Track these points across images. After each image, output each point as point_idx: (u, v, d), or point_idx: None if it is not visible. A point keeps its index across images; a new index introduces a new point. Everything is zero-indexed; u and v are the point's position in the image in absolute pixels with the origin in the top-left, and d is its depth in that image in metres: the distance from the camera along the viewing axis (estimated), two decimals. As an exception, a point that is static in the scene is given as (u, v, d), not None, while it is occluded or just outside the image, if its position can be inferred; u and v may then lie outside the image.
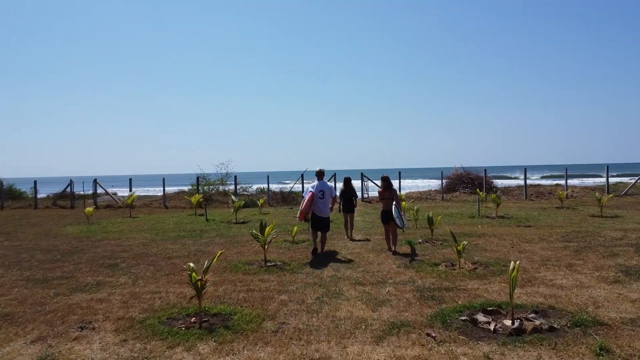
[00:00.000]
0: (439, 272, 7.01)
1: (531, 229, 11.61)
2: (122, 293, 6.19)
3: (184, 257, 8.89)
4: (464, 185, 22.01)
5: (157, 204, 21.51)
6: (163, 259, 8.67)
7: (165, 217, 17.11)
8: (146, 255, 9.14)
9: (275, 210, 18.59)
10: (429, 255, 8.51)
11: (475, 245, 9.25)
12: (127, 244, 10.81)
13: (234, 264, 7.88)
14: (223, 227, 13.73)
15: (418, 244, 9.82)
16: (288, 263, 7.97)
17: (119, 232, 13.35)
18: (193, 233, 12.55)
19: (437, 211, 16.51)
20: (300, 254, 8.91)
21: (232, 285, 6.45)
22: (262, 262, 7.85)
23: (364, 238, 11.45)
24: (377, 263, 7.92)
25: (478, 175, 22.56)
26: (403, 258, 8.26)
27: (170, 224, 15.04)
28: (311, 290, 6.17)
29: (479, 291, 5.90)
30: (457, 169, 23.34)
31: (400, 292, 5.93)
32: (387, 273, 7.12)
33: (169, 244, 10.64)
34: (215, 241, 10.97)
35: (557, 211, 15.87)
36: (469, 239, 10.06)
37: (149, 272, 7.48)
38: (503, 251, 8.74)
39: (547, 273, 6.83)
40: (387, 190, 9.19)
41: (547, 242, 9.65)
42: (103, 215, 18.98)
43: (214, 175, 23.62)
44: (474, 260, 7.85)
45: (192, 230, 13.27)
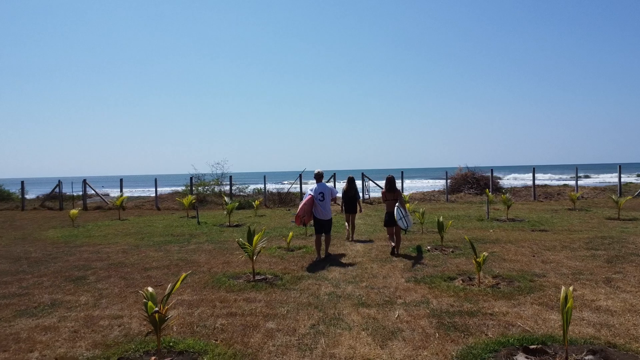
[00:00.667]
0: (456, 290, 5.86)
1: (548, 234, 10.46)
2: (77, 318, 5.04)
3: (163, 268, 7.74)
4: (469, 186, 20.86)
5: (149, 205, 20.37)
6: (139, 271, 7.53)
7: (156, 220, 15.97)
8: (122, 266, 8.00)
9: (272, 212, 17.45)
10: (441, 266, 7.37)
11: (491, 254, 8.10)
12: (106, 251, 9.68)
13: (218, 278, 6.73)
14: (214, 231, 12.60)
15: (427, 251, 8.68)
16: (280, 276, 6.83)
17: (102, 236, 12.23)
18: (181, 238, 11.41)
19: (442, 213, 15.37)
20: (294, 264, 7.77)
21: (210, 308, 5.30)
22: (251, 275, 6.71)
23: (366, 239, 10.61)
24: (383, 276, 6.78)
25: (483, 175, 21.41)
26: (411, 269, 7.12)
27: (159, 227, 13.91)
28: (305, 314, 5.03)
29: (509, 317, 4.75)
30: (462, 168, 22.19)
31: (414, 318, 4.79)
32: (395, 290, 5.97)
33: (152, 251, 9.50)
34: (202, 248, 9.83)
35: (570, 213, 14.73)
36: (483, 246, 8.93)
37: (117, 289, 6.33)
38: (524, 261, 7.59)
39: (584, 291, 5.68)
40: (391, 191, 8.61)
41: (570, 249, 8.51)
42: (92, 217, 17.85)
43: (209, 175, 22.50)
44: (495, 273, 6.70)
45: (180, 234, 12.14)
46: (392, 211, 8.38)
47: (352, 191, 10.39)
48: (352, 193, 10.37)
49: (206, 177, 22.41)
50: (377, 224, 13.11)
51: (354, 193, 10.39)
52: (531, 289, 5.78)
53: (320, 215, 8.16)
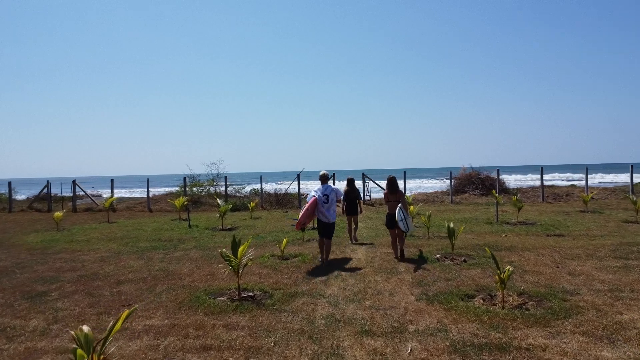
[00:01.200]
0: (477, 312, 4.88)
1: (566, 240, 9.47)
2: (15, 353, 4.05)
3: (139, 281, 6.75)
4: (474, 187, 19.86)
5: (141, 207, 19.37)
6: (111, 285, 6.54)
7: (146, 223, 14.98)
8: (94, 278, 7.01)
9: (269, 215, 16.45)
10: (455, 279, 6.38)
11: (509, 264, 7.11)
12: (82, 259, 8.70)
13: (198, 295, 5.73)
14: (205, 236, 11.61)
15: (436, 260, 7.69)
16: (270, 293, 5.84)
17: (85, 241, 11.25)
18: (168, 244, 10.42)
19: (448, 216, 14.39)
20: (288, 276, 6.78)
21: (181, 338, 4.31)
22: (236, 291, 5.72)
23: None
24: (389, 292, 5.79)
25: (488, 175, 20.40)
26: (421, 284, 6.13)
27: (148, 230, 12.92)
28: (296, 346, 4.04)
29: (551, 353, 3.76)
30: (466, 168, 21.17)
31: (431, 355, 3.80)
32: (405, 311, 4.99)
33: (132, 260, 8.52)
34: (189, 255, 8.85)
35: (584, 216, 13.73)
36: (498, 254, 7.95)
37: (78, 309, 5.34)
38: (548, 273, 6.60)
39: (633, 314, 4.69)
40: (393, 192, 8.13)
41: (597, 258, 7.52)
42: (80, 219, 16.86)
43: (204, 176, 21.49)
44: (519, 289, 5.71)
45: (168, 239, 11.15)
46: (394, 213, 7.87)
47: (353, 192, 10.05)
48: (354, 194, 10.02)
49: (201, 177, 21.42)
50: (379, 227, 12.13)
51: (355, 194, 10.05)
52: (567, 312, 4.79)
53: (324, 217, 7.71)
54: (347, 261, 7.89)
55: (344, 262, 7.78)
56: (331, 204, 7.73)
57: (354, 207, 9.92)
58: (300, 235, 10.63)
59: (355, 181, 10.40)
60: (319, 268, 7.37)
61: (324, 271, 7.09)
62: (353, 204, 9.92)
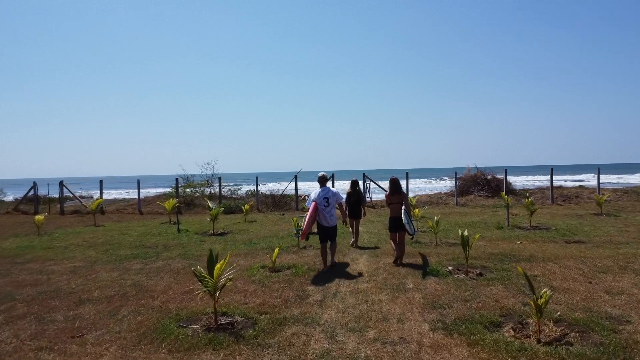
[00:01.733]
0: (510, 348, 3.84)
1: (589, 249, 8.43)
2: None
3: (104, 300, 5.71)
4: (479, 188, 18.81)
5: (132, 209, 18.32)
6: (70, 305, 5.51)
7: (133, 227, 13.94)
8: (54, 296, 5.98)
9: (264, 218, 15.41)
10: (473, 298, 5.34)
11: (532, 279, 6.07)
12: (51, 270, 7.67)
13: (166, 323, 4.68)
14: (193, 242, 10.58)
15: (448, 273, 6.66)
16: (254, 318, 4.80)
17: (62, 248, 10.22)
18: (151, 251, 9.40)
19: (454, 219, 13.36)
20: (277, 294, 5.74)
21: (130, 390, 3.28)
22: (212, 316, 4.68)
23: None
24: (397, 317, 4.76)
25: (494, 176, 19.33)
26: (434, 305, 5.10)
27: (133, 235, 11.89)
28: (279, 405, 3.01)
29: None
30: (471, 169, 20.10)
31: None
32: (419, 348, 3.95)
33: (106, 271, 7.49)
34: (170, 266, 7.82)
35: (600, 220, 12.68)
36: (516, 265, 6.92)
37: (15, 342, 4.29)
38: (581, 291, 5.57)
39: None
40: (396, 194, 7.65)
41: (633, 272, 6.48)
42: (66, 222, 15.83)
43: (198, 176, 20.44)
44: (554, 315, 4.66)
45: (153, 245, 10.12)
46: (397, 216, 7.48)
47: (357, 195, 9.50)
48: (357, 197, 9.47)
49: (195, 178, 20.38)
50: (381, 232, 11.11)
51: (358, 197, 9.50)
52: (624, 349, 3.75)
53: (324, 222, 7.23)
54: (347, 273, 6.87)
55: (344, 275, 6.76)
56: (331, 207, 7.26)
57: (357, 210, 9.36)
58: (295, 241, 9.60)
59: (358, 183, 9.81)
60: (318, 278, 6.56)
61: (321, 284, 6.06)
62: (356, 207, 9.36)
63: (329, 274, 6.83)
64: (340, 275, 6.79)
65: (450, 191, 20.05)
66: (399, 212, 7.43)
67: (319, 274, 6.84)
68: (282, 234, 11.39)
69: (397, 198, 7.55)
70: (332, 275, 6.75)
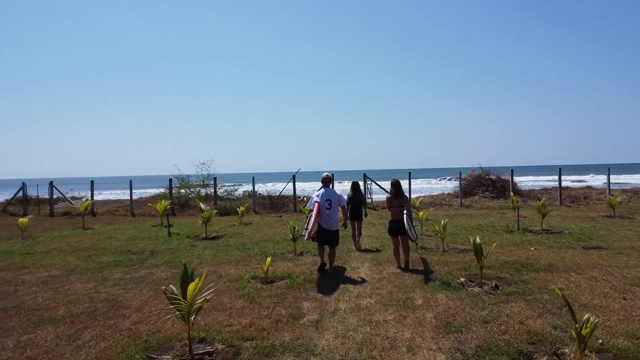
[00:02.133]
0: (550, 392, 3.06)
1: (613, 256, 7.65)
2: None
3: (68, 319, 4.94)
4: (484, 188, 18.01)
5: (124, 210, 17.54)
6: (28, 326, 4.73)
7: (123, 230, 13.17)
8: (14, 313, 5.21)
9: (261, 220, 14.63)
10: (494, 319, 4.56)
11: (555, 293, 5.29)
12: (22, 281, 6.91)
13: (131, 353, 3.88)
14: (184, 247, 9.82)
15: (460, 286, 5.89)
16: (237, 346, 4.02)
17: (43, 253, 9.47)
18: (136, 258, 8.64)
19: (460, 222, 12.58)
20: (267, 313, 4.96)
21: None
22: (188, 344, 3.90)
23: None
24: (407, 345, 3.98)
25: (499, 176, 18.53)
26: (449, 328, 4.32)
27: (121, 239, 11.12)
28: None
29: None
30: (475, 169, 19.31)
31: None
32: (436, 388, 3.18)
33: (82, 282, 6.73)
34: (153, 275, 7.06)
35: (614, 222, 11.90)
36: (535, 277, 6.17)
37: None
38: (616, 309, 4.80)
39: None
40: (398, 197, 7.19)
41: (669, 285, 5.71)
42: (55, 225, 15.06)
43: (194, 177, 19.64)
44: (597, 344, 3.88)
45: (140, 251, 9.36)
46: (398, 219, 7.10)
47: (359, 197, 9.20)
48: (359, 199, 9.17)
49: (191, 178, 19.60)
50: (383, 236, 10.35)
51: (360, 199, 9.20)
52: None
53: (326, 224, 6.91)
54: (347, 285, 6.10)
55: (344, 287, 5.99)
56: (334, 209, 6.93)
57: (358, 212, 9.12)
58: (292, 246, 8.83)
59: (360, 185, 9.53)
60: (315, 290, 5.92)
61: (318, 300, 5.29)
62: (358, 209, 9.10)
63: (327, 286, 6.06)
64: (339, 287, 6.02)
65: (454, 192, 19.27)
66: (399, 216, 7.06)
67: (317, 284, 6.14)
68: (278, 237, 10.62)
69: (398, 201, 7.13)
70: (331, 287, 5.99)
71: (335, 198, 6.99)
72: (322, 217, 6.90)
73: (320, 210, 6.87)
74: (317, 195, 7.01)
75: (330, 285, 6.14)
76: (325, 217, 6.86)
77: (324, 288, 5.97)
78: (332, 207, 6.86)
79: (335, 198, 6.98)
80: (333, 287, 6.04)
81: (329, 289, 5.91)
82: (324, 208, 6.87)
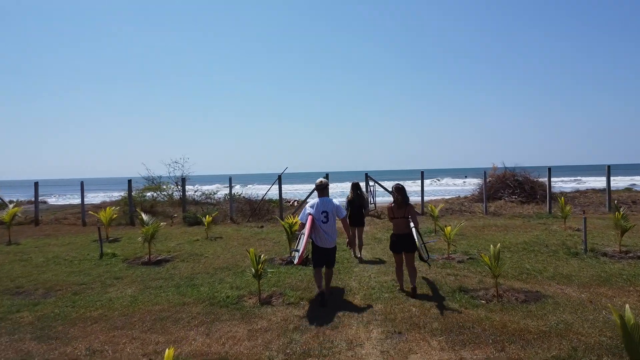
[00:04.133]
0: None
1: None
2: None
3: None
4: (510, 191, 14.61)
5: (75, 218, 14.16)
6: None
7: (54, 245, 9.83)
8: None
9: (236, 232, 11.26)
10: None
11: None
12: None
13: None
14: (104, 279, 6.55)
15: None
16: None
17: None
18: (20, 301, 5.33)
19: (493, 237, 9.18)
20: None
21: None
22: None
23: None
24: None
25: (528, 177, 15.08)
26: None
27: (35, 262, 7.90)
28: None
29: None
30: (497, 168, 15.87)
31: None
32: None
33: None
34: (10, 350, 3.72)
35: None
36: None
37: None
38: None
39: None
40: (403, 206, 5.49)
41: None
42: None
43: (166, 178, 16.30)
44: None
45: (32, 289, 6.11)
46: (402, 233, 5.48)
47: (360, 200, 7.99)
48: (360, 202, 7.97)
49: (163, 179, 16.27)
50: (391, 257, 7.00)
51: (361, 202, 8.01)
52: None
53: (321, 241, 5.43)
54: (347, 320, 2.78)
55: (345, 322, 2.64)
56: (331, 222, 5.56)
57: (359, 218, 7.91)
58: (254, 284, 5.50)
59: (361, 187, 8.21)
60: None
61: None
62: (359, 214, 7.91)
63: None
64: (335, 328, 2.67)
65: (471, 195, 15.86)
66: (404, 229, 5.53)
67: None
68: (245, 263, 7.28)
69: (402, 211, 5.56)
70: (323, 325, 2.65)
71: (333, 209, 5.59)
72: (317, 233, 5.53)
73: (315, 225, 5.52)
74: (311, 206, 5.63)
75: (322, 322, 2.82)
76: (321, 233, 5.49)
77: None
78: (328, 221, 5.56)
79: (332, 209, 5.57)
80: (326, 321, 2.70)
81: (320, 330, 2.57)
82: (319, 222, 5.50)
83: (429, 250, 7.37)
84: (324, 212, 5.48)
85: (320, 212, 5.48)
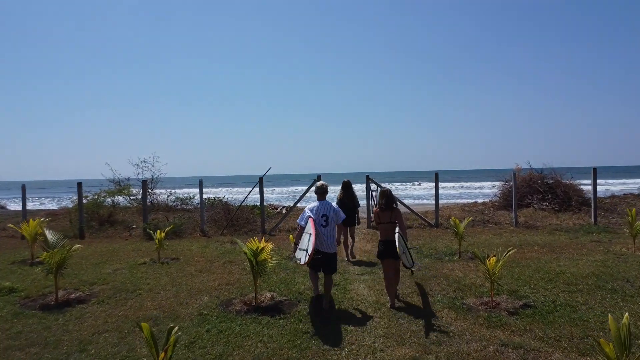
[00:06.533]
0: None
1: None
2: None
3: None
4: (539, 197, 11.99)
5: (16, 230, 11.69)
6: None
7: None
8: None
9: (200, 250, 8.68)
10: None
11: None
12: None
13: None
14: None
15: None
16: None
17: None
18: None
19: (537, 264, 6.55)
20: None
21: None
22: None
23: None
24: None
25: (559, 180, 12.38)
26: None
27: None
28: None
29: None
30: (520, 169, 13.14)
31: None
32: None
33: None
34: None
35: None
36: None
37: None
38: None
39: None
40: (388, 210, 5.17)
41: None
42: None
43: (134, 180, 13.70)
44: None
45: None
46: (389, 239, 5.07)
47: (352, 200, 7.51)
48: (352, 202, 7.49)
49: (131, 181, 13.71)
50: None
51: (354, 202, 7.54)
52: None
53: (322, 246, 5.19)
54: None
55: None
56: (331, 227, 5.35)
57: (351, 217, 7.35)
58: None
59: (352, 186, 7.70)
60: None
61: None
62: (351, 214, 7.33)
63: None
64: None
65: (491, 201, 13.23)
66: (391, 235, 5.06)
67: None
68: (187, 310, 4.72)
69: (387, 216, 5.11)
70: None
71: (333, 213, 5.38)
72: (318, 237, 5.14)
73: (315, 229, 5.12)
74: (311, 209, 5.34)
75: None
76: (322, 237, 5.20)
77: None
78: (329, 224, 5.31)
79: (333, 213, 5.36)
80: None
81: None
82: (319, 226, 5.22)
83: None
84: (324, 216, 5.32)
85: (321, 215, 5.31)
